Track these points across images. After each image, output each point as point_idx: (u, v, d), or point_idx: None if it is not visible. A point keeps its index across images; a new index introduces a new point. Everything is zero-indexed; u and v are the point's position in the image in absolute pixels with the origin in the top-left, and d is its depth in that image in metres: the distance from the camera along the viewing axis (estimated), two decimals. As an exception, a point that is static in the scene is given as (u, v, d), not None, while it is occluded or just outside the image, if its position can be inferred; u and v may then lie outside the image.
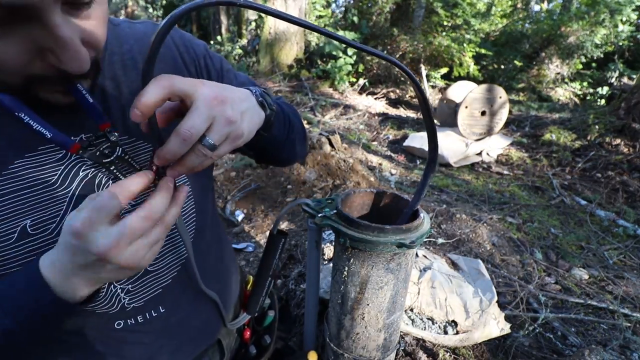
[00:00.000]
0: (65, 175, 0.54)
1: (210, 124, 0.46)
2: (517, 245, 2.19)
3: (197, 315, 0.75)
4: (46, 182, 0.52)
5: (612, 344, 1.43)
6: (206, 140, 0.46)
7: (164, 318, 0.68)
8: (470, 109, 3.94)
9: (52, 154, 0.53)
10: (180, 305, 0.71)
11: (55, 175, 0.53)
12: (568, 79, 7.54)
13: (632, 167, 3.47)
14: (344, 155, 3.03)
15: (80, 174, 0.55)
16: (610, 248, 2.28)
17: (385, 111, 6.02)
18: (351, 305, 0.78)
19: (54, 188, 0.53)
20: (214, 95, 0.46)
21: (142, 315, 0.65)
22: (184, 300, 0.71)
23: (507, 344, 1.39)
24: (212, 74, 0.72)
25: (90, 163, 0.55)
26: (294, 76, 6.60)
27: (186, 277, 0.70)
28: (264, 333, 0.95)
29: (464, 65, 6.72)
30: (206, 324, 0.78)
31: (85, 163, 0.55)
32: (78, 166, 0.55)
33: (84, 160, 0.55)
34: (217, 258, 0.81)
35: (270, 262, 0.81)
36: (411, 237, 0.68)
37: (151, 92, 0.42)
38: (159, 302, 0.67)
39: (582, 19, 6.99)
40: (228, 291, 0.86)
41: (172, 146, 0.45)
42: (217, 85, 0.49)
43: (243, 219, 2.43)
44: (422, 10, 7.50)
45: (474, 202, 2.85)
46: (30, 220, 0.51)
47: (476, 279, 1.50)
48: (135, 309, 0.64)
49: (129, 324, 0.64)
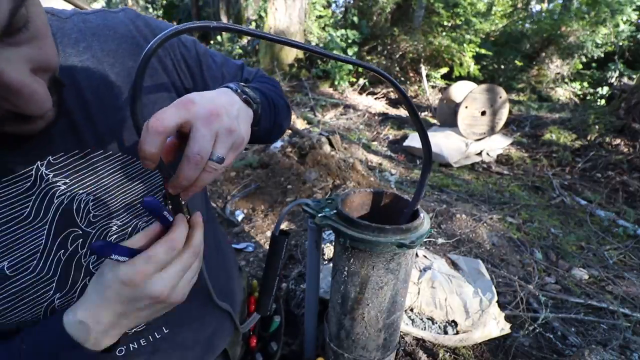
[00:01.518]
0: (38, 206, 0.49)
1: (215, 140, 0.45)
2: (517, 245, 2.19)
3: (204, 330, 0.73)
4: (18, 218, 0.48)
5: (612, 344, 1.43)
6: (215, 156, 0.45)
7: (169, 339, 0.66)
8: (470, 109, 3.93)
9: (20, 185, 0.48)
10: (184, 324, 0.68)
11: (28, 208, 0.48)
12: (568, 79, 7.53)
13: (632, 167, 3.47)
14: (344, 155, 3.03)
15: (54, 201, 0.50)
16: (610, 248, 2.28)
17: (385, 111, 6.02)
18: (351, 305, 0.78)
19: (27, 223, 0.48)
20: (209, 111, 0.44)
21: (145, 338, 0.63)
22: (189, 318, 0.69)
23: (507, 344, 1.39)
24: (190, 63, 0.67)
25: (64, 188, 0.50)
26: (294, 76, 6.60)
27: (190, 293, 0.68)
28: (270, 339, 0.94)
29: (464, 65, 6.72)
30: (212, 337, 0.76)
31: (59, 189, 0.50)
32: (52, 193, 0.50)
33: (57, 185, 0.50)
34: (217, 261, 0.80)
35: (277, 262, 0.80)
36: (411, 237, 0.68)
37: (150, 142, 0.40)
38: (161, 324, 0.64)
39: (583, 19, 6.99)
40: (235, 299, 0.85)
41: (187, 173, 0.44)
42: (205, 97, 0.46)
43: (243, 219, 2.43)
44: (423, 10, 7.50)
45: (474, 202, 2.85)
46: (7, 262, 0.47)
47: (476, 279, 1.50)
48: (136, 334, 0.61)
49: (132, 349, 0.61)
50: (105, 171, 0.54)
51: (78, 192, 0.52)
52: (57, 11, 0.54)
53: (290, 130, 3.74)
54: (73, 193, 0.51)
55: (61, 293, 0.52)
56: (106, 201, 0.54)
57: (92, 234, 0.54)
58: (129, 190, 0.56)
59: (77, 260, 0.53)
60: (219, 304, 0.74)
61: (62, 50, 0.51)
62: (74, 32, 0.53)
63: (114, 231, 0.56)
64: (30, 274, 0.49)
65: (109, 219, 0.55)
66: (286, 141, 3.19)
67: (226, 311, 0.77)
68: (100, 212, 0.54)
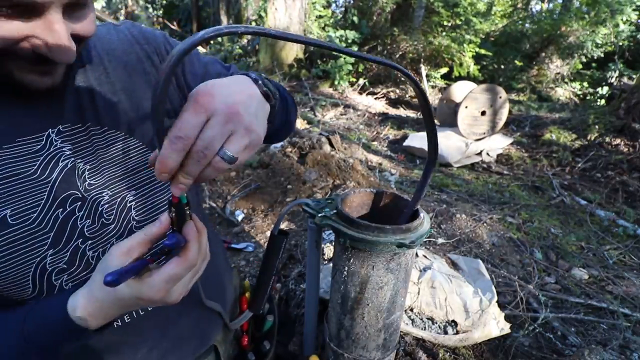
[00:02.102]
0: (44, 166, 0.54)
1: (228, 138, 0.43)
2: (517, 245, 2.19)
3: (191, 323, 0.74)
4: (25, 173, 0.53)
5: (612, 344, 1.43)
6: (227, 155, 0.43)
7: (151, 318, 0.67)
8: (470, 109, 3.93)
9: (31, 145, 0.54)
10: (170, 323, 0.70)
11: (35, 166, 0.54)
12: (568, 78, 7.54)
13: (632, 167, 3.47)
14: (344, 155, 3.04)
15: (59, 164, 0.56)
16: (610, 248, 2.28)
17: (385, 111, 6.02)
18: (351, 305, 0.78)
19: (33, 178, 0.53)
20: (228, 109, 0.42)
21: (129, 314, 0.64)
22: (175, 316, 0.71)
23: (507, 343, 1.39)
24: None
25: (69, 153, 0.57)
26: (294, 76, 6.60)
27: None
28: (263, 339, 0.93)
29: (464, 65, 6.72)
30: (201, 330, 0.77)
31: (64, 154, 0.56)
32: (57, 157, 0.56)
33: (63, 150, 0.56)
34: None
35: (274, 262, 0.80)
36: (411, 237, 0.68)
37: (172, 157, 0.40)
38: (152, 325, 0.66)
39: (583, 19, 6.99)
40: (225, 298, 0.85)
41: (189, 168, 0.42)
42: (224, 88, 0.44)
43: (243, 219, 2.43)
44: (423, 10, 7.50)
45: (474, 202, 2.85)
46: (10, 210, 0.51)
47: (476, 279, 1.50)
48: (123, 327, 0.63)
49: (115, 326, 0.62)
50: (101, 144, 0.60)
51: (77, 161, 0.58)
52: None
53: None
54: (75, 160, 0.57)
55: (54, 250, 0.55)
56: (101, 171, 0.60)
57: (88, 199, 0.59)
58: (121, 163, 0.62)
59: (73, 222, 0.57)
60: (208, 303, 0.74)
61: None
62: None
63: (105, 200, 0.60)
64: (29, 225, 0.53)
65: (102, 189, 0.60)
66: (286, 141, 3.19)
67: (215, 310, 0.78)
68: (94, 181, 0.60)
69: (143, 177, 0.65)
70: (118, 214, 0.62)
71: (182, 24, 12.42)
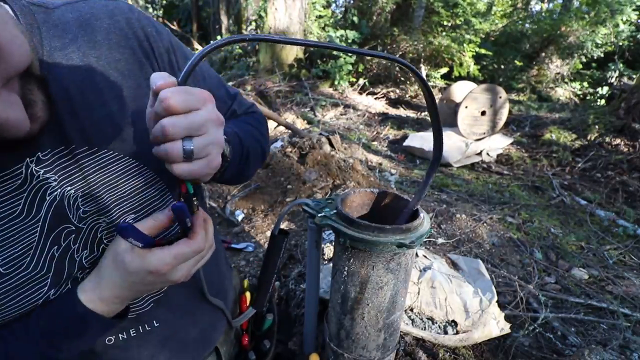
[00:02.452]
0: (30, 203, 0.49)
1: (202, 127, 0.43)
2: (517, 245, 2.19)
3: (195, 325, 0.73)
4: (10, 216, 0.48)
5: (612, 343, 1.43)
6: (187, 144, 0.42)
7: (158, 332, 0.66)
8: (470, 109, 3.93)
9: (10, 183, 0.47)
10: (175, 319, 0.69)
11: (20, 206, 0.48)
12: (568, 78, 7.54)
13: (632, 167, 3.47)
14: (344, 155, 3.03)
15: (47, 198, 0.50)
16: (610, 248, 2.28)
17: (385, 111, 6.02)
18: (351, 305, 0.78)
19: (20, 220, 0.48)
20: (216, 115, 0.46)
21: (135, 328, 0.63)
22: (180, 313, 0.70)
23: (507, 343, 1.39)
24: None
25: (55, 184, 0.50)
26: (294, 76, 6.60)
27: (182, 290, 0.68)
28: (263, 338, 0.94)
29: (464, 65, 6.72)
30: (204, 332, 0.76)
31: (50, 185, 0.50)
32: (43, 190, 0.50)
33: (48, 182, 0.50)
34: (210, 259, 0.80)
35: (275, 261, 0.81)
36: (411, 237, 0.68)
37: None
38: (152, 316, 0.65)
39: (583, 19, 6.99)
40: (227, 296, 0.85)
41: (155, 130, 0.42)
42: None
43: (243, 219, 2.43)
44: (422, 10, 7.50)
45: (474, 202, 2.85)
46: (0, 260, 0.47)
47: (476, 279, 1.50)
48: (129, 321, 0.61)
49: (121, 339, 0.62)
50: (90, 168, 0.53)
51: (67, 189, 0.51)
52: (46, 1, 0.53)
53: (290, 130, 3.74)
54: (63, 189, 0.51)
55: (55, 289, 0.53)
56: (94, 197, 0.54)
57: (84, 229, 0.54)
58: (117, 186, 0.55)
59: (71, 256, 0.53)
60: (211, 300, 0.74)
61: (47, 43, 0.49)
62: (61, 23, 0.51)
63: (104, 227, 0.56)
64: (24, 271, 0.49)
65: (99, 215, 0.55)
66: (286, 141, 3.19)
67: (219, 308, 0.78)
68: (89, 207, 0.54)
69: (142, 200, 0.58)
70: None
71: (182, 24, 12.42)
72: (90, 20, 0.53)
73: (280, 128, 4.01)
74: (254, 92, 5.51)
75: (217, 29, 10.76)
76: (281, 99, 5.60)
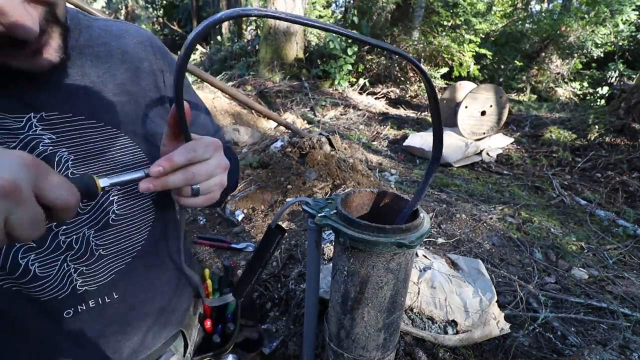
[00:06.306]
0: (22, 147, 0.53)
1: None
2: (517, 245, 2.19)
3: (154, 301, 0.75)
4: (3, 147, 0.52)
5: (612, 343, 1.43)
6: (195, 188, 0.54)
7: (116, 305, 0.67)
8: (470, 109, 3.94)
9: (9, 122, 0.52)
10: (134, 292, 0.70)
11: (13, 145, 0.53)
12: (568, 78, 7.54)
13: (632, 167, 3.47)
14: (344, 155, 3.03)
15: (37, 149, 0.55)
16: (610, 248, 2.28)
17: (385, 111, 6.02)
18: (351, 305, 0.78)
19: None
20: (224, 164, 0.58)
21: (95, 300, 0.64)
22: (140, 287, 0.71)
23: (507, 343, 1.39)
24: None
25: (48, 142, 0.56)
26: (294, 76, 6.60)
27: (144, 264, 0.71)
28: (226, 321, 0.97)
29: (464, 65, 6.72)
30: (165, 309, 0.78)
31: (43, 141, 0.55)
32: (35, 142, 0.55)
33: (42, 138, 0.55)
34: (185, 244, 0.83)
35: (264, 254, 0.81)
36: (411, 237, 0.68)
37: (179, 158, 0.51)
38: (112, 287, 0.66)
39: (582, 19, 6.99)
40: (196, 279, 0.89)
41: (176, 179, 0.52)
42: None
43: (243, 219, 2.43)
44: (422, 10, 7.50)
45: (474, 202, 2.85)
46: None
47: (476, 279, 1.50)
48: (87, 293, 0.63)
49: (80, 310, 0.63)
50: (91, 138, 0.60)
51: (61, 149, 0.57)
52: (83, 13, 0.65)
53: (290, 130, 3.74)
54: (55, 148, 0.56)
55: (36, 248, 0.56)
56: (86, 163, 0.60)
57: None
58: (111, 159, 0.63)
59: None
60: (186, 270, 0.77)
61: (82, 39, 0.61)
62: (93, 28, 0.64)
63: None
64: None
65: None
66: (286, 141, 3.19)
67: (189, 286, 0.82)
68: (78, 170, 0.59)
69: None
70: (97, 205, 0.62)
71: (182, 24, 12.42)
72: (124, 34, 0.67)
73: (280, 128, 4.01)
74: (254, 92, 5.51)
75: (217, 29, 10.76)
76: (281, 99, 5.61)
